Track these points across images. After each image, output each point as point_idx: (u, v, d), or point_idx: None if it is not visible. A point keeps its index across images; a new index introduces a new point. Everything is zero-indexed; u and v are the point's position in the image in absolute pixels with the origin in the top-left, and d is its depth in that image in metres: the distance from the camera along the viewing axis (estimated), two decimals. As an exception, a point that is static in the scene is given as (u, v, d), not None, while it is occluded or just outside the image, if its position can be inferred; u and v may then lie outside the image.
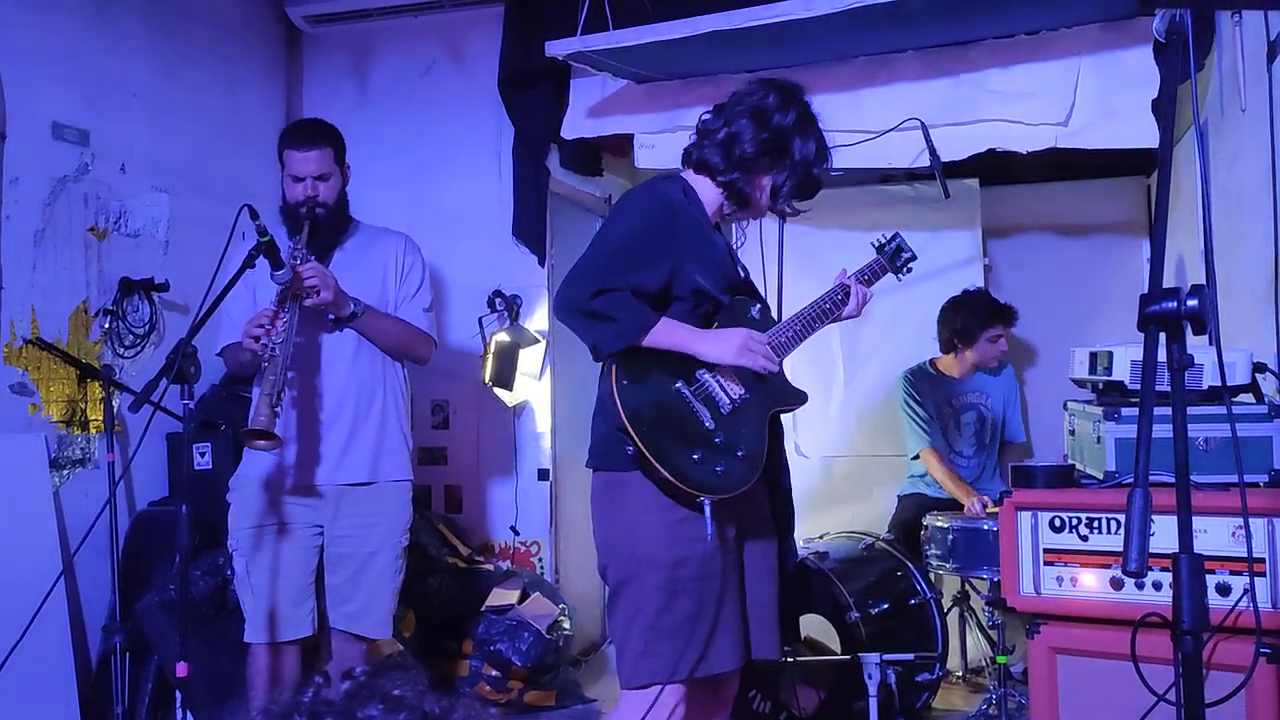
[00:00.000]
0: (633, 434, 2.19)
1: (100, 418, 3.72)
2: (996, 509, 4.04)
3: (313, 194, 3.02)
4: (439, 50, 4.79)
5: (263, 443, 2.70)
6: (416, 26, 4.76)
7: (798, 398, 2.47)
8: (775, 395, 2.40)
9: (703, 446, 2.24)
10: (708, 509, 2.19)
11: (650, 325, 2.24)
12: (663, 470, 2.17)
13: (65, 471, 3.64)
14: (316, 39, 4.92)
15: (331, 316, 2.98)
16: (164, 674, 3.53)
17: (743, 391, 2.33)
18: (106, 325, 3.82)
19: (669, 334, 2.26)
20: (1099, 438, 2.68)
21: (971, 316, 4.29)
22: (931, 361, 4.45)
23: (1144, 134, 3.49)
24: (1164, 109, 3.29)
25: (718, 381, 2.30)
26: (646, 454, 2.17)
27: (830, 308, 2.50)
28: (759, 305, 2.46)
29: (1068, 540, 2.53)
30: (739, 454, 2.27)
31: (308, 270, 2.84)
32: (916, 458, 4.32)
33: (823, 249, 4.85)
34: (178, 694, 3.28)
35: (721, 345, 2.28)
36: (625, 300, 2.23)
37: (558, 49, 3.83)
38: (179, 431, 3.64)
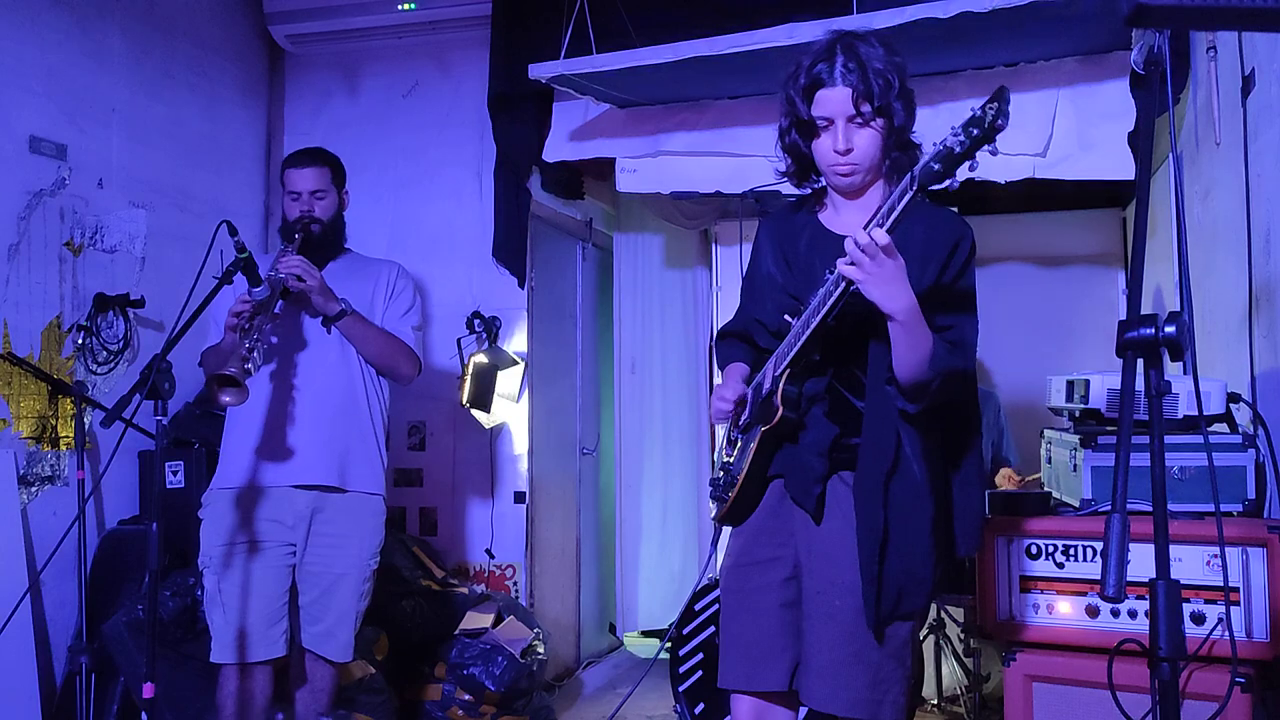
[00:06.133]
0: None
1: (71, 434, 3.67)
2: None
3: (308, 209, 3.10)
4: (422, 71, 4.80)
5: (229, 396, 2.66)
6: (400, 48, 4.77)
7: (767, 418, 2.14)
8: (762, 414, 2.16)
9: (720, 472, 2.29)
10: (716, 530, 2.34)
11: (724, 365, 2.37)
12: None
13: (34, 488, 3.59)
14: (299, 58, 4.92)
15: (320, 320, 3.02)
16: (130, 696, 3.47)
17: (746, 417, 2.28)
18: (80, 341, 3.78)
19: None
20: (1075, 465, 2.69)
21: None
22: None
23: (1120, 166, 3.53)
24: (1140, 141, 3.34)
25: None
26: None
27: (822, 299, 1.99)
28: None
29: (1044, 568, 2.54)
30: (735, 478, 2.24)
31: (291, 260, 2.90)
32: None
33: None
34: (143, 716, 3.22)
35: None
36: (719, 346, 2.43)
37: (540, 72, 3.84)
38: (151, 449, 3.60)
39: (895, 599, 2.02)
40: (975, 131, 1.72)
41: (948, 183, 1.78)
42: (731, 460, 2.27)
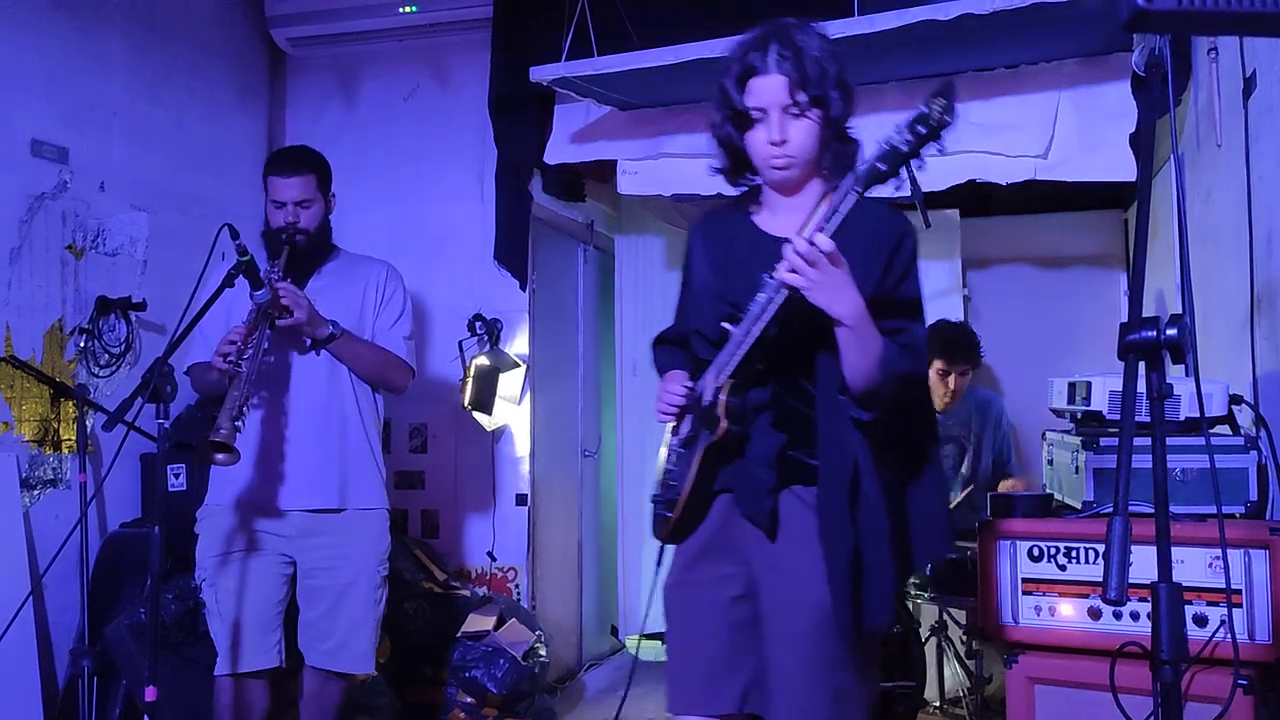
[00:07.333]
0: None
1: (73, 437, 3.67)
2: None
3: (293, 220, 3.01)
4: (423, 74, 4.80)
5: (222, 456, 2.67)
6: (401, 50, 4.77)
7: (710, 431, 2.01)
8: (705, 427, 2.02)
9: (661, 487, 2.14)
10: (661, 549, 2.13)
11: (662, 371, 2.22)
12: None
13: (36, 491, 3.59)
14: (300, 61, 4.92)
15: (309, 341, 2.97)
16: (132, 699, 3.47)
17: (688, 430, 2.09)
18: (82, 344, 3.78)
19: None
20: (1077, 467, 2.69)
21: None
22: None
23: (1121, 167, 3.52)
24: (1141, 143, 3.34)
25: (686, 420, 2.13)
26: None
27: (762, 306, 1.90)
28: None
29: (1046, 570, 2.53)
30: (678, 494, 2.08)
31: (280, 290, 2.84)
32: None
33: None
34: (145, 719, 3.22)
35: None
36: (656, 352, 2.29)
37: (541, 74, 3.84)
38: (153, 452, 3.59)
39: (862, 620, 1.93)
40: (921, 130, 1.67)
41: (894, 186, 1.72)
42: (674, 468, 2.11)
